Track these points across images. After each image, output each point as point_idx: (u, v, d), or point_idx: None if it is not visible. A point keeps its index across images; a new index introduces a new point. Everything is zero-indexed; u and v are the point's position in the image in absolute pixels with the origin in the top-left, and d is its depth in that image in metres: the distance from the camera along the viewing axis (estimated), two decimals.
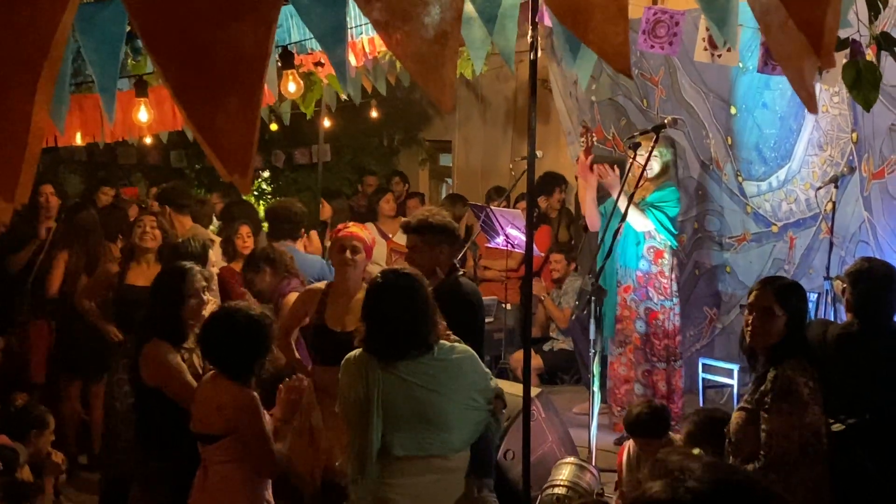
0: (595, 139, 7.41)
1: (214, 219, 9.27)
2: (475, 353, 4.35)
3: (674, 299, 7.15)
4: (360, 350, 4.18)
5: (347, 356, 4.22)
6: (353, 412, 4.06)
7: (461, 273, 5.53)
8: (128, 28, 2.29)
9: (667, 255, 7.12)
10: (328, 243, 6.88)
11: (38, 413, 5.82)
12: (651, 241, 7.06)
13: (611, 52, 1.20)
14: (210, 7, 1.09)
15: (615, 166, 7.30)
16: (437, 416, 4.09)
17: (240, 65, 1.11)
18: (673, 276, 7.14)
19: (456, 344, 4.29)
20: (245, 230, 7.54)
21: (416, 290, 4.18)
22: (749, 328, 4.10)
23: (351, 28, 7.06)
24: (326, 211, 10.08)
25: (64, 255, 7.34)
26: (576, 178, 7.52)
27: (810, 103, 1.29)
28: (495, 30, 2.17)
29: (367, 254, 5.54)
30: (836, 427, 4.42)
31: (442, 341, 4.21)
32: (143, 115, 5.87)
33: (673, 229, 7.08)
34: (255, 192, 14.11)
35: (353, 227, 5.66)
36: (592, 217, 7.21)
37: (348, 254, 5.44)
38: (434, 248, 5.33)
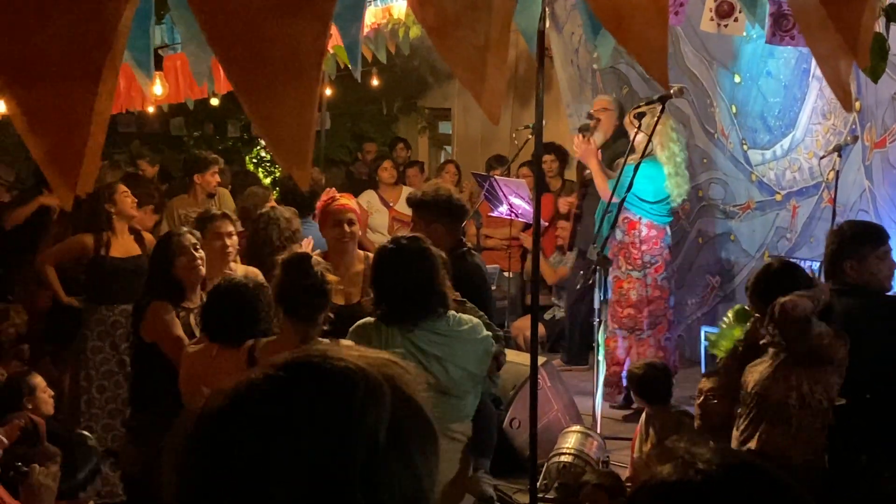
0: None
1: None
2: (480, 321, 4.41)
3: (643, 270, 7.14)
4: (372, 318, 4.21)
5: (360, 323, 4.24)
6: None
7: (465, 249, 5.51)
8: None
9: (640, 227, 7.11)
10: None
11: (22, 380, 5.81)
12: (624, 212, 7.01)
13: (649, 57, 1.23)
14: (269, 3, 1.12)
15: (589, 137, 7.38)
16: (450, 384, 4.15)
17: (297, 60, 1.13)
18: (644, 247, 7.13)
19: (462, 315, 4.34)
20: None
21: (428, 253, 4.23)
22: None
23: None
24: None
25: (56, 225, 7.37)
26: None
27: (846, 102, 1.31)
28: (518, 9, 2.18)
29: (359, 223, 5.56)
30: (839, 401, 4.49)
31: (451, 312, 4.26)
32: (157, 88, 5.87)
33: (639, 203, 7.01)
34: (255, 160, 14.11)
35: (344, 199, 5.62)
36: (603, 187, 7.23)
37: (346, 227, 5.41)
38: (429, 226, 5.32)
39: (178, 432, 1.20)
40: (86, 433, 4.70)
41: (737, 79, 7.97)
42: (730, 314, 4.67)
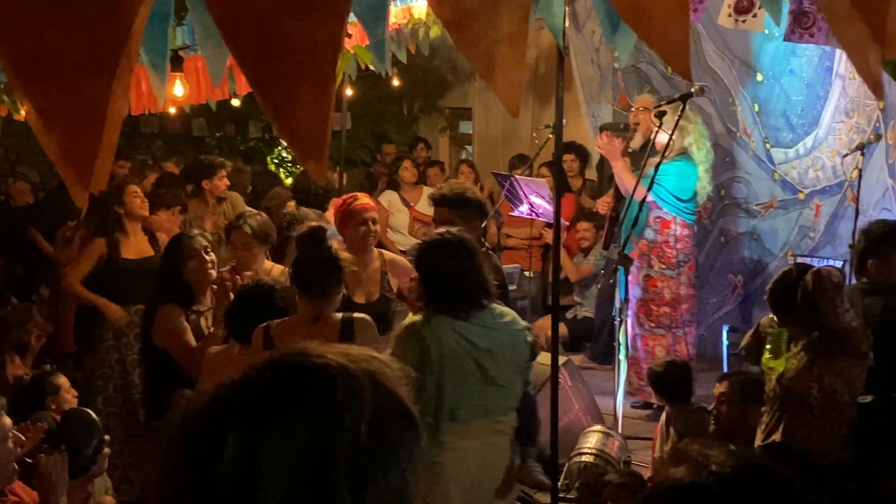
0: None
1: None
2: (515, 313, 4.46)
3: (677, 269, 7.15)
4: (419, 316, 4.19)
5: (407, 323, 4.20)
6: (424, 378, 4.01)
7: (485, 248, 5.52)
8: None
9: (674, 226, 7.11)
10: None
11: (46, 380, 5.84)
12: (657, 211, 7.05)
13: (671, 52, 1.21)
14: (284, 0, 1.11)
15: (618, 136, 7.39)
16: (499, 377, 4.18)
17: (313, 55, 1.13)
18: (679, 246, 7.14)
19: (502, 307, 4.38)
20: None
21: (473, 245, 4.27)
22: None
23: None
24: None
25: (81, 231, 7.43)
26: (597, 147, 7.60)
27: (877, 91, 1.30)
28: (541, 6, 2.17)
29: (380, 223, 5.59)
30: (864, 399, 4.48)
31: (493, 304, 4.28)
32: (178, 89, 5.87)
33: (675, 202, 7.05)
34: (276, 161, 14.13)
35: (363, 198, 5.59)
36: (626, 183, 7.21)
37: (371, 225, 5.40)
38: (468, 224, 5.27)
39: (164, 434, 1.21)
40: (84, 409, 4.70)
41: (759, 77, 7.92)
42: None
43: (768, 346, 4.47)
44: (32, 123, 1.14)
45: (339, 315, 4.17)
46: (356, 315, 4.20)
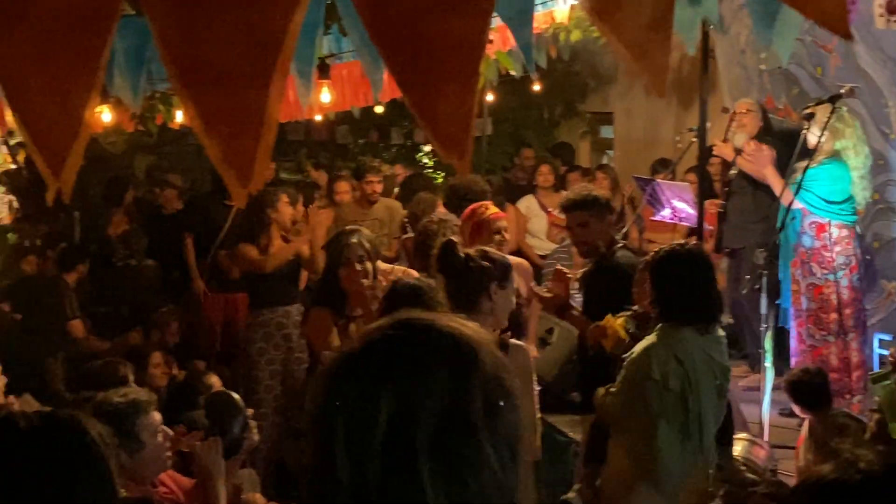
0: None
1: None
2: None
3: (839, 273, 6.93)
4: (657, 332, 4.09)
5: (660, 339, 4.07)
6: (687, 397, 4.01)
7: (621, 245, 5.50)
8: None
9: (831, 229, 6.89)
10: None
11: (199, 379, 6.04)
12: (811, 217, 6.85)
13: (828, 17, 1.19)
14: (432, 1, 1.15)
15: (764, 145, 7.21)
16: (727, 389, 4.22)
17: (458, 53, 1.16)
18: (837, 249, 6.91)
19: None
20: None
21: (710, 258, 4.36)
22: None
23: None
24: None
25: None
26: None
27: None
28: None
29: (517, 229, 5.60)
30: None
31: None
32: (325, 96, 6.04)
33: (826, 206, 6.83)
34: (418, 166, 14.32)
35: (493, 208, 5.57)
36: (776, 190, 7.06)
37: (504, 234, 5.39)
38: (603, 221, 5.33)
39: (317, 375, 1.38)
40: (223, 390, 4.83)
41: None
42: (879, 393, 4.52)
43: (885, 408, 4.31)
44: (196, 128, 1.20)
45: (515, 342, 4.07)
46: (513, 341, 4.07)
